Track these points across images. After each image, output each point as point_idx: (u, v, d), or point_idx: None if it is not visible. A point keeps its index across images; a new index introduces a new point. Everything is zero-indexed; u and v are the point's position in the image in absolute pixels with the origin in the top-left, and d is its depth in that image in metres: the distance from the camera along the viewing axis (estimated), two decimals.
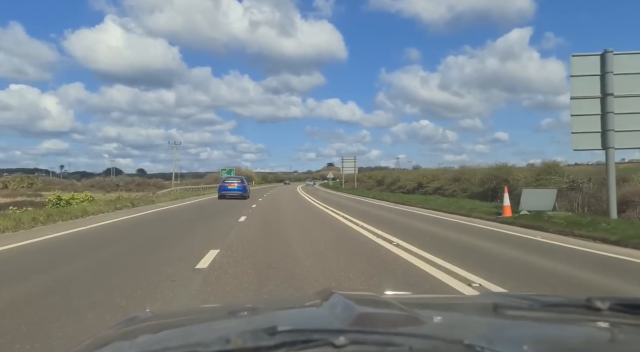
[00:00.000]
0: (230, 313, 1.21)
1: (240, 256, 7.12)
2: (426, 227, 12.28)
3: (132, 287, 5.04)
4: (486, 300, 1.37)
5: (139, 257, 7.15)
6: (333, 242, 9.12)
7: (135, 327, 1.12)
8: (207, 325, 1.13)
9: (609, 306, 0.87)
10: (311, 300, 1.21)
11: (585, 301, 0.90)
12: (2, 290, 4.95)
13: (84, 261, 6.86)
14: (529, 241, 9.53)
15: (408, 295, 1.84)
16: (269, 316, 1.17)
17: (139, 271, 5.99)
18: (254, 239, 9.30)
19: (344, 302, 1.00)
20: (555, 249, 8.50)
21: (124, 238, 9.82)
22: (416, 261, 6.81)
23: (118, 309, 4.12)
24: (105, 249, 8.10)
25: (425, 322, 0.85)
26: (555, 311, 0.92)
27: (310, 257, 7.17)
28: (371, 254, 7.66)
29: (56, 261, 6.79)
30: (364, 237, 10.01)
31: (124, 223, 13.22)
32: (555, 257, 7.42)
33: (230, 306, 1.40)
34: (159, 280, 5.41)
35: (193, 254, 7.16)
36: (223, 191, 28.80)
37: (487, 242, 9.28)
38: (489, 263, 6.81)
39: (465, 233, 10.95)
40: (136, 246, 8.58)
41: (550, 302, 0.99)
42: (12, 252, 7.78)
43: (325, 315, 0.99)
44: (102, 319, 3.81)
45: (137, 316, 1.31)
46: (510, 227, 11.96)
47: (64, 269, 6.15)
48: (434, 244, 8.49)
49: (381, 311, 1.01)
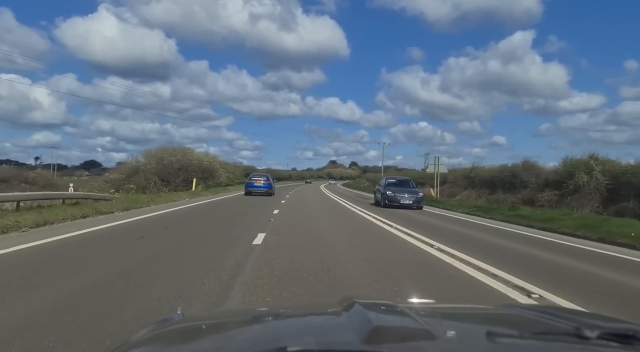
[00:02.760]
0: (253, 320, 1.32)
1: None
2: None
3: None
4: (498, 316, 1.46)
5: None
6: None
7: (161, 332, 1.23)
8: (227, 334, 1.23)
9: (598, 335, 0.90)
10: (332, 308, 1.29)
11: (575, 329, 0.94)
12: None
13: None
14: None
15: (430, 304, 1.92)
16: (289, 325, 1.27)
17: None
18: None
19: (363, 313, 1.11)
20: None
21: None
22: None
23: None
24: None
25: (437, 338, 0.93)
26: (545, 339, 0.97)
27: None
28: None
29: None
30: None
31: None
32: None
33: (255, 312, 1.50)
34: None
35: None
36: (250, 188, 29.92)
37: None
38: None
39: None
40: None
41: (549, 328, 1.07)
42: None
43: (342, 327, 1.09)
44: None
45: (169, 317, 1.44)
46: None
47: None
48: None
49: (397, 324, 1.10)
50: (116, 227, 10.71)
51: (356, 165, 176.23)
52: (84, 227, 10.21)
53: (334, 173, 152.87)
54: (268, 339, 1.08)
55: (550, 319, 1.17)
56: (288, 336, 1.10)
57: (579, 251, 9.70)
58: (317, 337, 1.07)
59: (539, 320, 1.17)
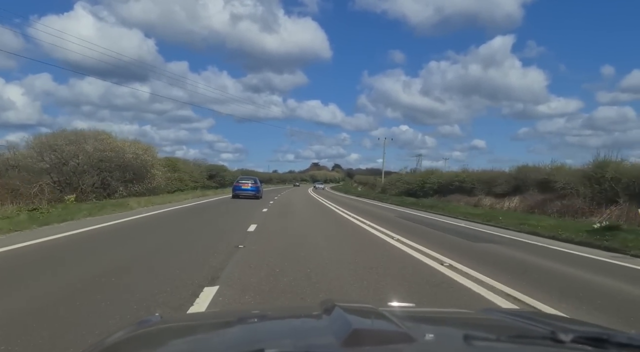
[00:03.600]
0: (233, 322, 1.31)
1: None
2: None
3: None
4: (476, 320, 1.47)
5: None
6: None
7: (138, 334, 1.21)
8: (205, 335, 1.22)
9: (572, 338, 0.92)
10: (313, 311, 1.30)
11: (550, 333, 0.95)
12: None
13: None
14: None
15: (410, 307, 1.92)
16: (268, 327, 1.26)
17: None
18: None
19: (343, 316, 1.12)
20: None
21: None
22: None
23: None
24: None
25: (416, 340, 0.94)
26: (521, 342, 0.98)
27: None
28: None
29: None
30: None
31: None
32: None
33: (236, 313, 1.49)
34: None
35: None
36: (237, 191, 29.32)
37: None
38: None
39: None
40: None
41: (526, 332, 1.08)
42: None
43: (321, 329, 1.09)
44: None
45: (147, 319, 1.42)
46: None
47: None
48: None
49: (376, 327, 1.10)
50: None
51: (340, 167, 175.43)
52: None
53: (317, 175, 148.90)
54: (246, 341, 1.07)
55: (527, 323, 1.19)
56: (267, 338, 1.09)
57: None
58: (295, 339, 1.06)
59: (516, 324, 1.19)
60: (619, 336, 0.92)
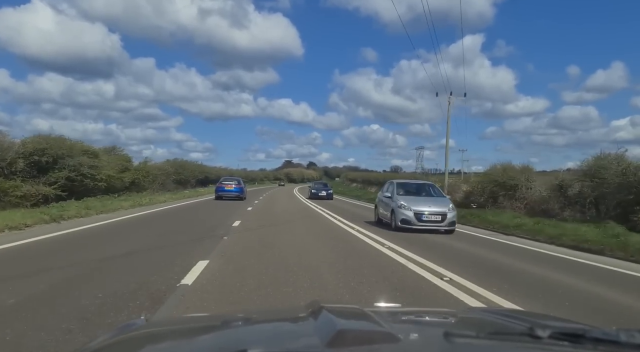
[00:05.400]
0: (218, 325, 1.31)
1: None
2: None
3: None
4: (458, 318, 1.50)
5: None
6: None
7: (123, 338, 1.21)
8: (190, 339, 1.22)
9: (550, 334, 0.94)
10: (299, 313, 1.31)
11: (528, 329, 0.97)
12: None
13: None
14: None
15: (395, 307, 1.95)
16: (253, 330, 1.27)
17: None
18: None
19: (328, 318, 1.13)
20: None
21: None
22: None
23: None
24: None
25: (399, 340, 0.96)
26: (500, 339, 1.02)
27: None
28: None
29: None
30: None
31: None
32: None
33: (220, 317, 1.49)
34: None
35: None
36: (220, 192, 27.98)
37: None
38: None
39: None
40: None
41: (505, 329, 1.12)
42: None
43: (307, 331, 1.10)
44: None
45: (132, 323, 1.41)
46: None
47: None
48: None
49: (361, 327, 1.12)
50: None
51: (315, 165, 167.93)
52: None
53: (292, 173, 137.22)
54: (231, 343, 1.07)
55: (507, 321, 1.22)
56: (251, 340, 1.10)
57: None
58: (280, 341, 1.07)
59: (497, 321, 1.22)
60: (595, 332, 0.95)
